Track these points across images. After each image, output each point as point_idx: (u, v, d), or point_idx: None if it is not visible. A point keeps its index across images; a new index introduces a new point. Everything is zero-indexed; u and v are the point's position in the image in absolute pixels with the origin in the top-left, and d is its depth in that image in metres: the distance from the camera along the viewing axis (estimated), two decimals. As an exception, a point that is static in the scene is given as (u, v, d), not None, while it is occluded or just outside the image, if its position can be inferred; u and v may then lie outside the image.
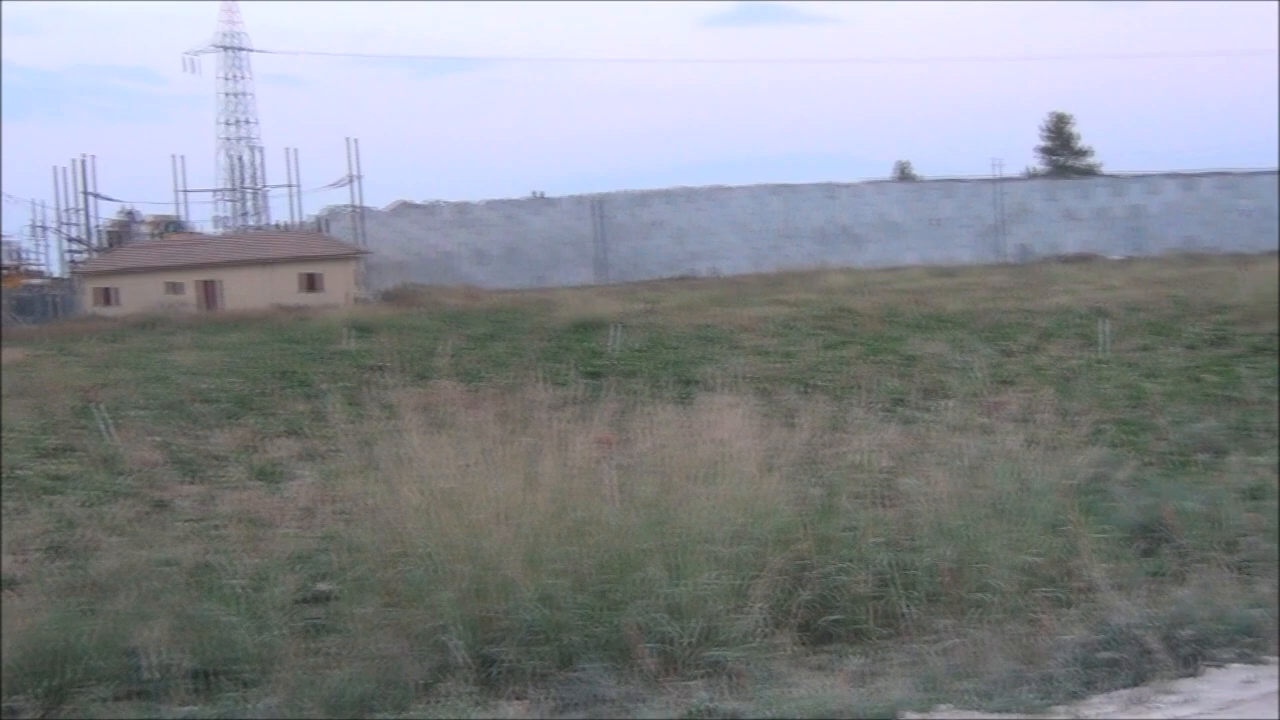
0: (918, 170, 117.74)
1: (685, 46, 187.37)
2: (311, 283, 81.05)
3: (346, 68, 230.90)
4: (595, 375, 25.13)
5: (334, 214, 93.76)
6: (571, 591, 8.70)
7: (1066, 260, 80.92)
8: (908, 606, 9.13)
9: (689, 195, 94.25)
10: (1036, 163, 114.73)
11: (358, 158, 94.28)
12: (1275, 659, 8.32)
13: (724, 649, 8.42)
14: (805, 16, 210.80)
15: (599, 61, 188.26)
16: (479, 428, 10.59)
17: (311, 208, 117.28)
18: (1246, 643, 8.49)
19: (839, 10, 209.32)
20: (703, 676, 8.27)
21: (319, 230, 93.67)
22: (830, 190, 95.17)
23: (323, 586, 10.67)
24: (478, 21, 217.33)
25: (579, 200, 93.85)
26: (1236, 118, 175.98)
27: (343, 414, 13.36)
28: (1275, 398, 17.94)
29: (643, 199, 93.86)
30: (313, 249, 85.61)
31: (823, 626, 9.05)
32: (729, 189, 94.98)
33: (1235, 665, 8.24)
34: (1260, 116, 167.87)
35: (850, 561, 9.41)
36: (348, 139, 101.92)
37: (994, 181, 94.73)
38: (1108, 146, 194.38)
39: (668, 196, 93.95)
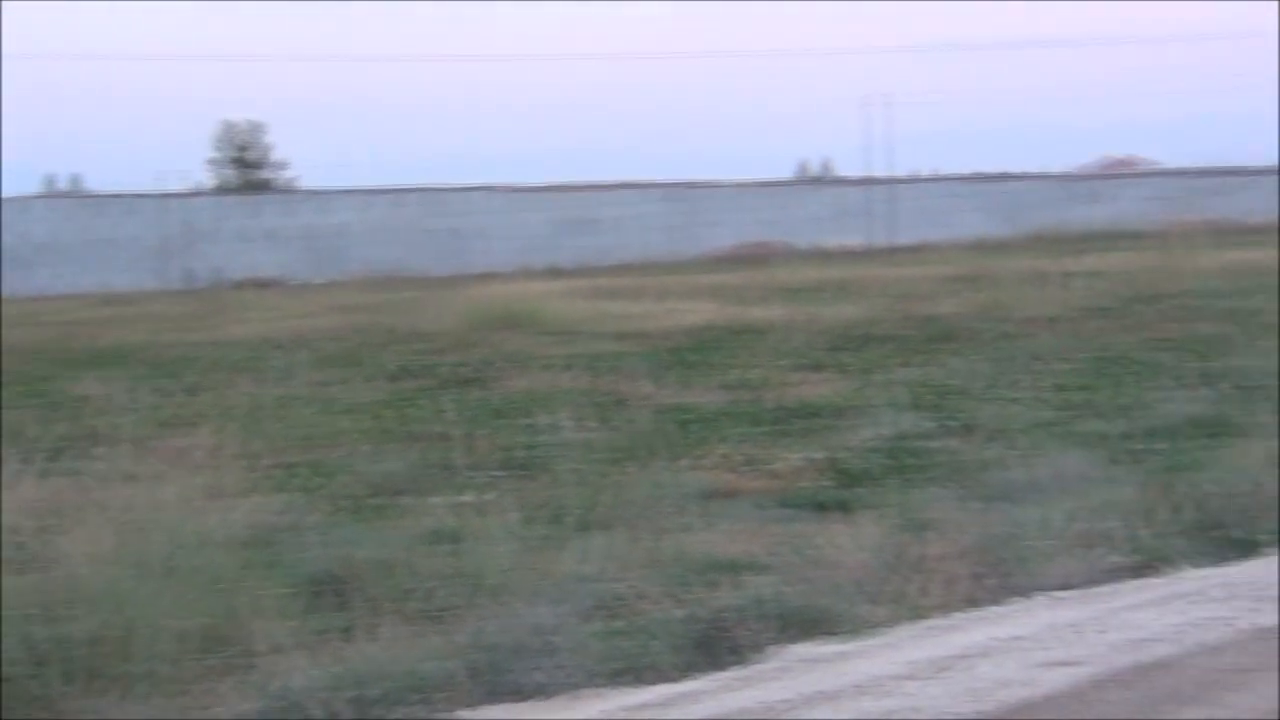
0: (87, 183, 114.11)
1: None
2: None
3: None
4: None
5: None
6: None
7: (254, 285, 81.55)
8: (62, 686, 8.98)
9: None
10: (213, 176, 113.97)
11: None
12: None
13: None
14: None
15: None
16: None
17: None
18: (437, 698, 8.94)
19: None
20: None
21: None
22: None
23: None
24: None
25: None
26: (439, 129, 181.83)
27: None
28: (464, 432, 18.77)
29: None
30: None
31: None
32: None
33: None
34: (467, 126, 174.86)
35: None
36: None
37: (165, 197, 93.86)
38: (307, 160, 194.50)
39: None
